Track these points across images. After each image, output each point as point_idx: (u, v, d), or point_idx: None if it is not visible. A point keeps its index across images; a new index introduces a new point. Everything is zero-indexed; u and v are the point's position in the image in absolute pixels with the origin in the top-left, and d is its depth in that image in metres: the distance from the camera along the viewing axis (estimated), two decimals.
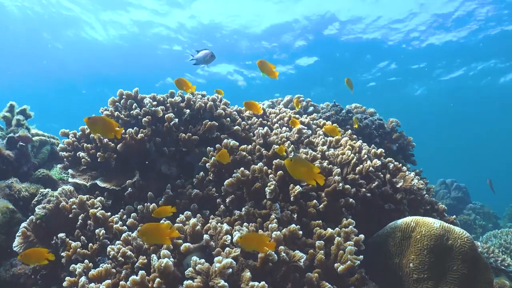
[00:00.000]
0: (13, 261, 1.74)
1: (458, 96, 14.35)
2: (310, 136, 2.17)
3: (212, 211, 1.75)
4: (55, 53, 11.89)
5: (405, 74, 12.76)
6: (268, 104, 3.33)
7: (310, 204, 1.61)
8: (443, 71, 12.48)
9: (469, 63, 11.78)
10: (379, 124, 2.97)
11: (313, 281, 1.29)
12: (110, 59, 11.96)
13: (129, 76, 12.96)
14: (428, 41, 10.40)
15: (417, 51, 10.88)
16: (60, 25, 10.13)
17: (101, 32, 10.52)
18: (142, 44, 11.03)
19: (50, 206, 1.75)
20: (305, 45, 10.86)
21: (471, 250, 1.48)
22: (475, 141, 22.82)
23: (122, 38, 10.80)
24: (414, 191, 2.06)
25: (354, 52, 11.08)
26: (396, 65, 12.04)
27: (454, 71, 12.41)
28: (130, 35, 10.62)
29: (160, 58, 11.79)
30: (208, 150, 1.91)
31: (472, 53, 10.87)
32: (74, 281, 1.35)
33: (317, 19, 9.50)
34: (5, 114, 2.38)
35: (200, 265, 1.20)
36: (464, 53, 10.88)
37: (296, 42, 10.77)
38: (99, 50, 11.50)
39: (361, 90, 13.80)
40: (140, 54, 11.60)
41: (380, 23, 9.56)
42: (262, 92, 13.27)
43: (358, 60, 11.71)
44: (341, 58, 11.67)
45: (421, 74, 12.70)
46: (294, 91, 3.54)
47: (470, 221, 6.17)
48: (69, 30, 10.49)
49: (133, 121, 2.09)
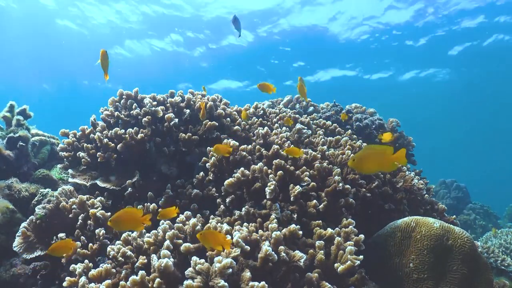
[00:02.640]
0: (13, 261, 1.74)
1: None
2: (310, 136, 2.17)
3: (212, 211, 1.75)
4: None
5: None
6: (268, 104, 3.33)
7: (310, 204, 1.61)
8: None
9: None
10: (379, 124, 2.97)
11: (313, 281, 1.29)
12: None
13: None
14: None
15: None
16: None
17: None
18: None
19: (50, 206, 1.75)
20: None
21: (471, 250, 1.48)
22: (475, 141, 22.82)
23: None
24: (414, 191, 2.06)
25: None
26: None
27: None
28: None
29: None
30: (208, 150, 1.91)
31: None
32: (74, 281, 1.35)
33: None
34: (5, 114, 2.38)
35: (200, 265, 1.20)
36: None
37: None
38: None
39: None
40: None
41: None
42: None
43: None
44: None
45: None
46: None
47: (470, 221, 6.17)
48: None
49: (133, 121, 2.09)
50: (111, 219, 1.23)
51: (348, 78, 13.23)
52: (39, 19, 10.15)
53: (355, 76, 13.16)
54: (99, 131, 2.05)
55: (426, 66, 12.46)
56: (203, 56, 12.15)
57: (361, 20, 9.73)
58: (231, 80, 13.94)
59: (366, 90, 13.54)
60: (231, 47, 11.41)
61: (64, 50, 12.07)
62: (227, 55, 11.88)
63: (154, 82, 13.24)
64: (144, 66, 12.76)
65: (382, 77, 13.26)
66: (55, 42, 11.53)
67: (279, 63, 12.54)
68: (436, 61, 12.05)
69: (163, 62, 12.46)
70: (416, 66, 12.48)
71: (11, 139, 2.21)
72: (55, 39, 11.29)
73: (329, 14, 9.50)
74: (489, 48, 10.82)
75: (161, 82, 13.18)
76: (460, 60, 11.70)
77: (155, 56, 12.21)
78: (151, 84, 13.84)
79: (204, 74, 13.41)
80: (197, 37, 10.94)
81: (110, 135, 2.00)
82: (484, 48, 10.86)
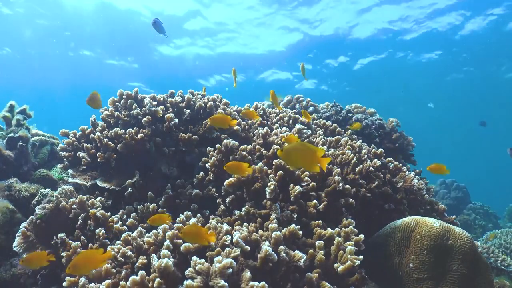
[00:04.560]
0: (13, 261, 1.74)
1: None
2: (310, 136, 2.17)
3: (212, 211, 1.75)
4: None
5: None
6: (268, 104, 3.33)
7: (310, 204, 1.61)
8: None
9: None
10: (379, 124, 2.97)
11: (313, 281, 1.29)
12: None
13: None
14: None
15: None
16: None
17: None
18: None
19: (50, 206, 1.75)
20: None
21: (471, 250, 1.48)
22: (475, 141, 22.82)
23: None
24: (414, 191, 2.06)
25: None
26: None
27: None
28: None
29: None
30: (208, 150, 1.91)
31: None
32: (74, 281, 1.35)
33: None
34: (5, 114, 2.38)
35: (200, 265, 1.20)
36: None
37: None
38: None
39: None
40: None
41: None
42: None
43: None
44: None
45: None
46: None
47: (470, 221, 6.17)
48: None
49: (133, 121, 2.09)
50: (69, 265, 1.17)
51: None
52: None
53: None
54: (99, 131, 2.05)
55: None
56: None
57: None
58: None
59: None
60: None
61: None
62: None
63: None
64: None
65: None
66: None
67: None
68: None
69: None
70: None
71: (11, 139, 2.21)
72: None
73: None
74: (489, 49, 10.84)
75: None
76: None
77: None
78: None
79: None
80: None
81: (110, 135, 2.00)
82: (484, 48, 10.88)
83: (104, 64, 12.82)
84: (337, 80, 13.98)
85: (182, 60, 12.40)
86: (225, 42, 11.25)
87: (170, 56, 12.24)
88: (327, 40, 10.83)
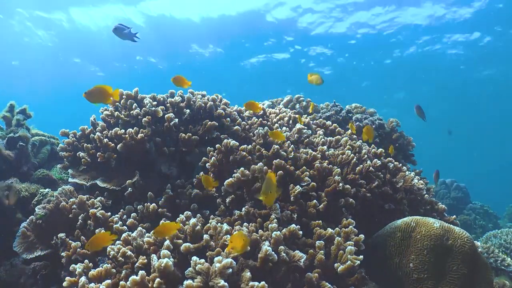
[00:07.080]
0: (13, 261, 1.74)
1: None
2: (310, 136, 2.17)
3: (212, 211, 1.75)
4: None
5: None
6: (268, 104, 3.33)
7: (310, 204, 1.61)
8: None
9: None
10: (379, 124, 2.97)
11: (313, 281, 1.29)
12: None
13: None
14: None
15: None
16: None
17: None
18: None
19: (50, 206, 1.75)
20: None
21: (471, 250, 1.48)
22: (475, 141, 22.81)
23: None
24: (414, 191, 2.06)
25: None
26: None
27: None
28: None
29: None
30: (208, 150, 1.90)
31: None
32: (74, 281, 1.35)
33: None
34: (5, 114, 2.38)
35: (200, 265, 1.20)
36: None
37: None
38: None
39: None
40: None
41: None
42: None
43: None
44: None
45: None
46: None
47: (470, 221, 6.16)
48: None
49: (133, 121, 2.09)
50: (87, 243, 1.38)
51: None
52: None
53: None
54: (99, 131, 2.05)
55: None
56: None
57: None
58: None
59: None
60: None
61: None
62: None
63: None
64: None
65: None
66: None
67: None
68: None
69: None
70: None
71: (11, 139, 2.21)
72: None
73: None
74: (489, 48, 10.84)
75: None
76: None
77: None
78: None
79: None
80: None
81: (110, 135, 2.00)
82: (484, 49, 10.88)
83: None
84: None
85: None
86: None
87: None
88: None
